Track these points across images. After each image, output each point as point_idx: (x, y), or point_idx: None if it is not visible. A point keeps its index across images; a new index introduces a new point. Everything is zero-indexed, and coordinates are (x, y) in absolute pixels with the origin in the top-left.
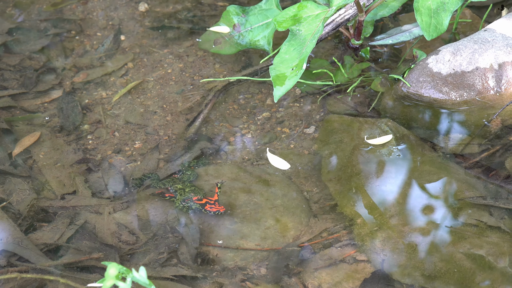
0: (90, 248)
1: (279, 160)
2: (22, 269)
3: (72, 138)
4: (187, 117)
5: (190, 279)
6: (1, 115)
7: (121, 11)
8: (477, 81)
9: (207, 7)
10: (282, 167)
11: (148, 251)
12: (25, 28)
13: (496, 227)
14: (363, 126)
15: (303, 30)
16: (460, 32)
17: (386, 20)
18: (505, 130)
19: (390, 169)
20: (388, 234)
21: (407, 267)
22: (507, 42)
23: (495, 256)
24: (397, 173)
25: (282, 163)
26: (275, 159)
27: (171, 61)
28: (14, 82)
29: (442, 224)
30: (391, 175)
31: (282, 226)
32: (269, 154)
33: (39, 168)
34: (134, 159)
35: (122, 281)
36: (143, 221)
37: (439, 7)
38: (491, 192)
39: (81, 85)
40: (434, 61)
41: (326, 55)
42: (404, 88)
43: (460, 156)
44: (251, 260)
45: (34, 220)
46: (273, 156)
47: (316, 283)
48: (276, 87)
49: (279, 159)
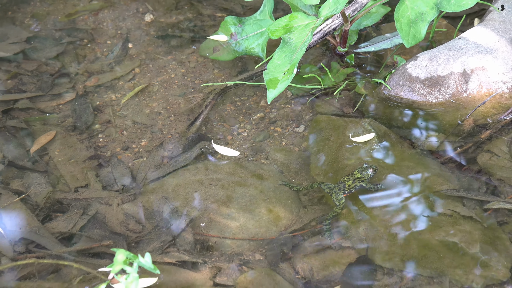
0: (100, 236)
1: (226, 149)
2: (39, 255)
3: (85, 136)
4: (189, 117)
5: (191, 264)
6: (20, 116)
7: (128, 21)
8: (452, 85)
9: (207, 17)
10: (231, 154)
11: (153, 239)
12: (41, 37)
13: (469, 217)
14: (348, 125)
15: (294, 39)
16: (436, 40)
17: (369, 29)
18: (476, 129)
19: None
20: (371, 223)
21: (388, 253)
22: (478, 49)
23: (467, 243)
24: (379, 168)
25: (231, 151)
26: (222, 149)
27: (174, 67)
28: (32, 85)
29: (419, 214)
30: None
31: (275, 216)
32: (215, 146)
33: (54, 164)
34: (141, 156)
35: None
36: (148, 211)
37: (417, 17)
38: (464, 185)
39: (93, 89)
40: (413, 66)
41: (314, 61)
42: (386, 91)
43: (436, 152)
44: (246, 246)
45: (50, 211)
46: (220, 147)
47: (306, 267)
48: (270, 90)
49: (225, 148)
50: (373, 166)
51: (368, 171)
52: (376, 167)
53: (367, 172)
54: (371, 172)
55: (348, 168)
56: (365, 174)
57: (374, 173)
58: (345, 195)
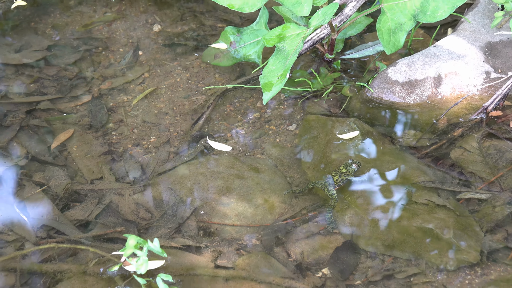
0: (114, 223)
1: (219, 144)
2: (59, 240)
3: (99, 134)
4: (193, 117)
5: (195, 248)
6: (41, 116)
7: (139, 31)
8: (427, 88)
9: (209, 27)
10: (224, 149)
11: (161, 225)
12: (61, 45)
13: (443, 206)
14: (335, 124)
15: (287, 47)
16: (414, 48)
17: (354, 38)
18: (450, 127)
19: (357, 159)
20: (355, 212)
21: (371, 238)
22: (451, 56)
23: (442, 229)
24: (363, 162)
25: (224, 146)
26: (216, 144)
27: (180, 72)
28: (52, 89)
29: (398, 203)
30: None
31: (270, 205)
32: (210, 142)
33: (72, 159)
34: (150, 151)
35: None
36: (157, 201)
37: (396, 27)
38: (438, 177)
39: (107, 91)
40: (393, 71)
41: (305, 67)
42: (369, 93)
43: (414, 148)
44: (244, 232)
45: (68, 201)
46: (214, 142)
47: (297, 251)
48: (265, 93)
49: (219, 143)
50: (357, 162)
51: (352, 166)
52: (360, 162)
53: (351, 167)
54: (355, 167)
55: (335, 162)
56: (350, 169)
57: (358, 167)
58: (336, 189)
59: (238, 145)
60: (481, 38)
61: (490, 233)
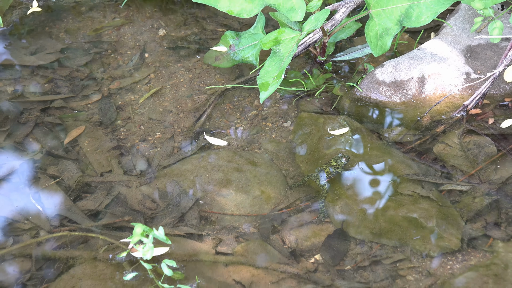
0: (122, 212)
1: (216, 139)
2: (71, 228)
3: (109, 130)
4: (195, 114)
5: (197, 236)
6: (55, 113)
7: (145, 35)
8: (412, 87)
9: (210, 32)
10: (220, 144)
11: (165, 215)
12: (73, 48)
13: (426, 197)
14: (326, 121)
15: (282, 49)
16: (399, 50)
17: (344, 41)
18: (433, 124)
19: (347, 153)
20: (346, 202)
21: (360, 227)
22: (434, 58)
23: (425, 218)
24: (352, 156)
25: (220, 141)
26: (212, 139)
27: (183, 73)
28: (65, 88)
29: (385, 194)
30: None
31: (266, 196)
32: (207, 137)
33: (84, 153)
34: (155, 146)
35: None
36: (162, 192)
37: (383, 32)
38: (422, 170)
39: (115, 91)
40: (380, 72)
41: (299, 68)
42: (358, 92)
43: (399, 143)
44: (243, 221)
45: (80, 192)
46: (211, 138)
47: (292, 238)
48: (262, 92)
49: (215, 139)
50: (347, 156)
51: (342, 159)
52: (349, 156)
53: (341, 160)
54: (345, 160)
55: (327, 156)
56: (339, 162)
57: (347, 161)
58: (327, 181)
59: (237, 141)
60: (461, 42)
61: (470, 222)
